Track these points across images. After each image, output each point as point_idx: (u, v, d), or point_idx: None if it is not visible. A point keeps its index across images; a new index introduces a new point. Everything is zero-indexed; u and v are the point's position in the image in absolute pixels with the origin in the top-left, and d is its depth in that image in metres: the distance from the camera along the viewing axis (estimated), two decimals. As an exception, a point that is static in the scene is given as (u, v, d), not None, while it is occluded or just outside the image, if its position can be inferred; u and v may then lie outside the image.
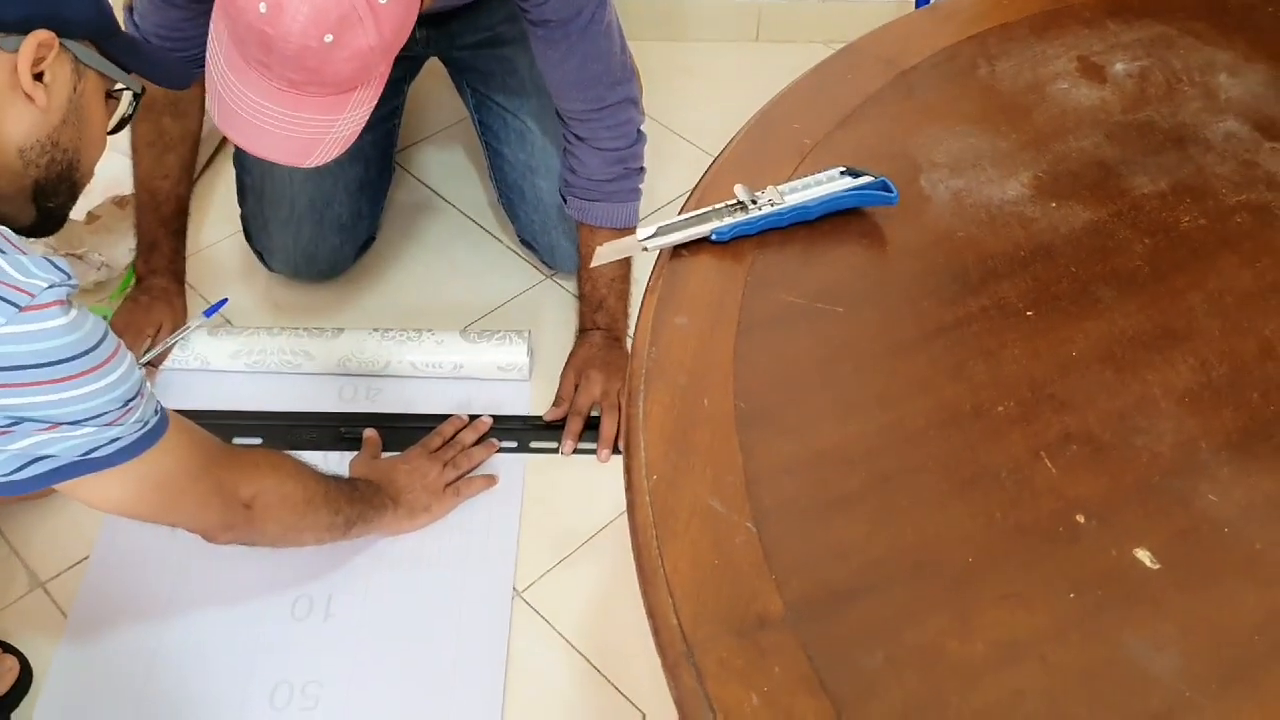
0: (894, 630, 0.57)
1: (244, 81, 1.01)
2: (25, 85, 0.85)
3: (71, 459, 0.83)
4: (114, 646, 1.24)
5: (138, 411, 0.86)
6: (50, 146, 0.90)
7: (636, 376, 0.69)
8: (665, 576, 0.59)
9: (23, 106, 0.86)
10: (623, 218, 1.41)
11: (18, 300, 0.74)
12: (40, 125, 0.88)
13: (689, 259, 0.76)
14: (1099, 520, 0.62)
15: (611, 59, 1.29)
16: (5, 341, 0.74)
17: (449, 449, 1.38)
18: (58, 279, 0.77)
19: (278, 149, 1.04)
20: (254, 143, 1.04)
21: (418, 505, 1.31)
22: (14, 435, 0.79)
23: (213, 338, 1.50)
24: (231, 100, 1.02)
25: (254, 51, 0.98)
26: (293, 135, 1.03)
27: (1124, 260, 0.76)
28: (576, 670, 1.23)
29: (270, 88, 1.00)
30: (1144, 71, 0.90)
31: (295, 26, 0.93)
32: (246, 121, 1.03)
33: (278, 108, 1.01)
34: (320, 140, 1.04)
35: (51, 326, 0.76)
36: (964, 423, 0.66)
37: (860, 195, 0.76)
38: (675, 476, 0.64)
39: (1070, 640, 0.57)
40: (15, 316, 0.74)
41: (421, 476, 1.34)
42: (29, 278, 0.75)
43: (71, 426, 0.81)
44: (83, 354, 0.78)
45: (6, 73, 0.85)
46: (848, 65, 0.91)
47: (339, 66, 0.98)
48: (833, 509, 0.62)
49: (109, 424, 0.83)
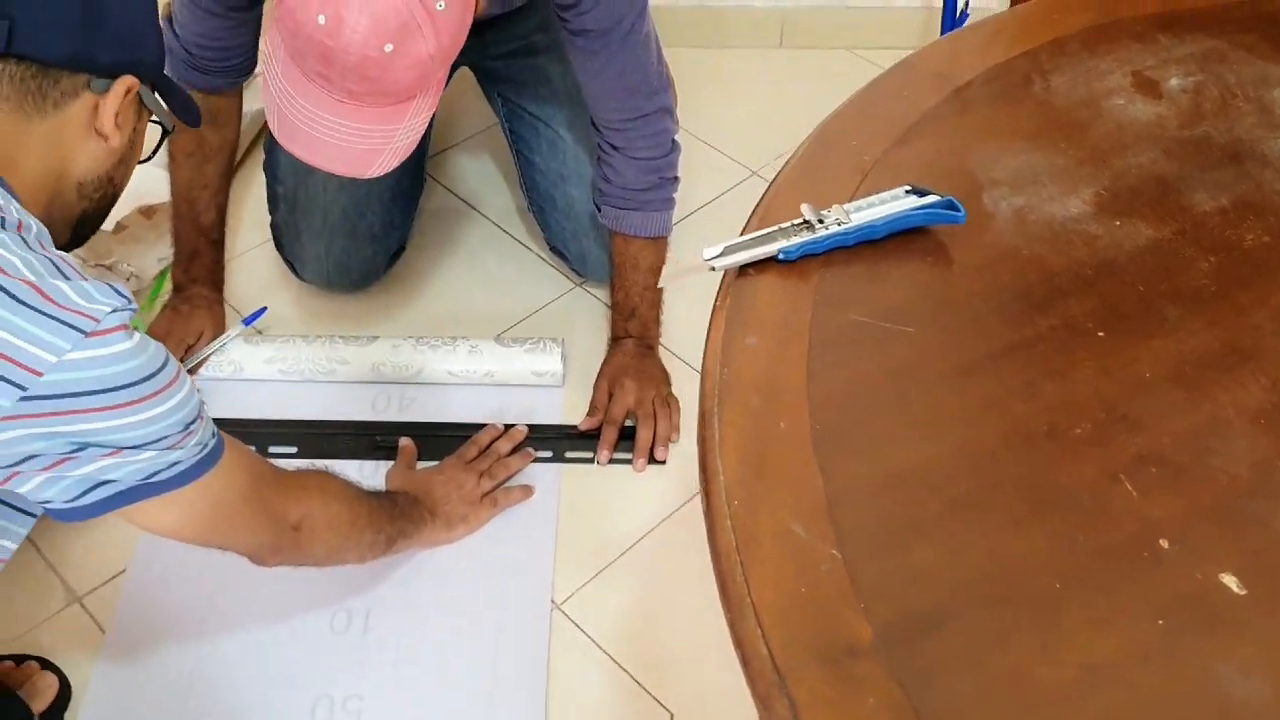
0: (982, 656, 0.57)
1: (303, 94, 1.01)
2: (105, 127, 0.86)
3: (133, 483, 0.83)
4: (153, 661, 1.24)
5: (197, 434, 0.86)
6: (106, 182, 0.92)
7: (709, 398, 0.69)
8: (752, 604, 0.59)
9: (94, 145, 0.88)
10: (657, 227, 1.41)
11: (83, 326, 0.74)
12: (104, 162, 0.90)
13: (755, 278, 0.76)
14: (1180, 543, 0.62)
15: (649, 69, 1.29)
16: (72, 368, 0.74)
17: (484, 459, 1.38)
18: (119, 303, 0.77)
19: (339, 160, 1.04)
20: (315, 155, 1.04)
21: (455, 517, 1.32)
22: (78, 461, 0.79)
23: (248, 345, 1.50)
24: (291, 114, 1.02)
25: (314, 64, 0.98)
26: (353, 146, 1.03)
27: (1189, 278, 0.76)
28: (618, 684, 1.23)
29: (330, 100, 1.00)
30: (1198, 86, 0.90)
31: (356, 37, 0.93)
32: (307, 134, 1.03)
33: (338, 119, 1.01)
34: (381, 150, 1.04)
35: (117, 351, 0.76)
36: (1038, 444, 0.66)
37: (928, 214, 0.77)
38: (755, 500, 0.64)
39: (1157, 665, 0.57)
40: (81, 342, 0.73)
41: (458, 487, 1.34)
42: (92, 303, 0.75)
43: (134, 451, 0.81)
44: (147, 378, 0.78)
45: (88, 112, 0.86)
46: (902, 82, 0.91)
47: (399, 75, 0.98)
48: (913, 533, 0.62)
49: (170, 447, 0.83)
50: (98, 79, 0.85)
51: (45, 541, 1.33)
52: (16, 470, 0.78)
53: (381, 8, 0.94)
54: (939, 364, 0.70)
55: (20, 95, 0.82)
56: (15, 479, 0.79)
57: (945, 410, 0.68)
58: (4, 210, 0.77)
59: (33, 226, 0.80)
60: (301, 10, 0.95)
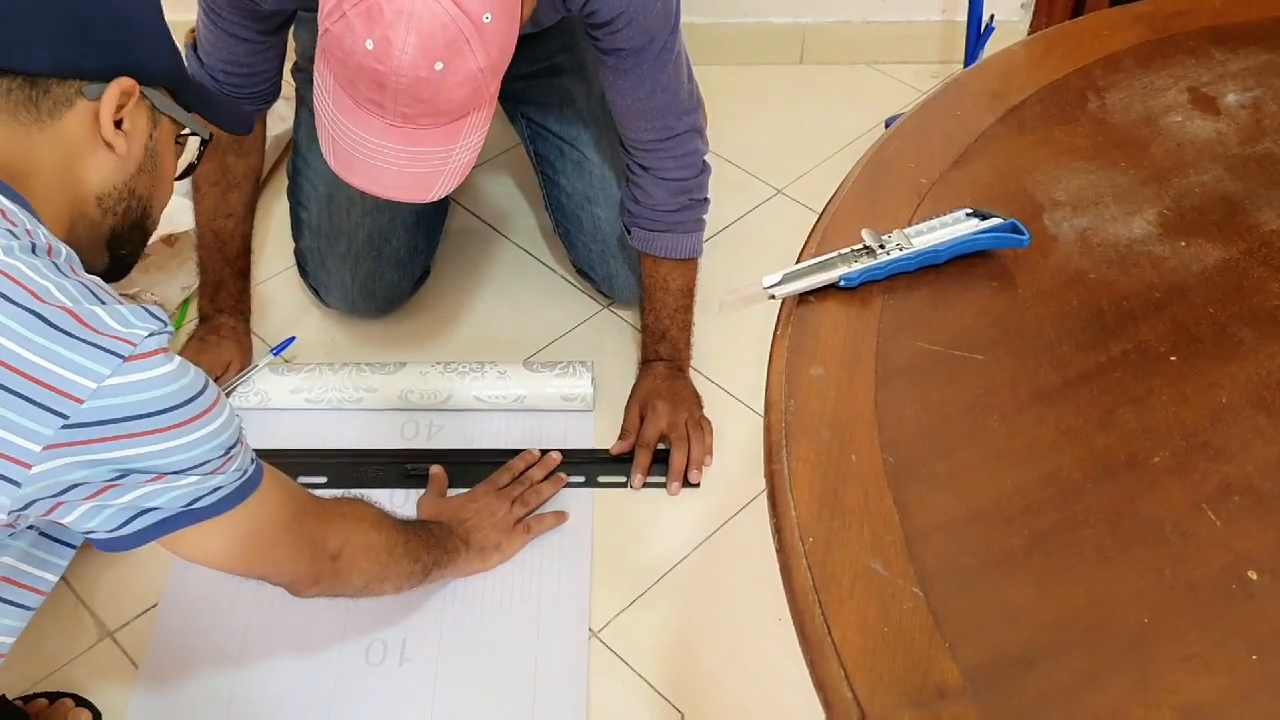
0: (1075, 697, 0.56)
1: (356, 123, 1.00)
2: (107, 134, 0.85)
3: (176, 510, 0.81)
4: (187, 696, 1.22)
5: (238, 459, 0.84)
6: (127, 194, 0.90)
7: (776, 430, 0.67)
8: (834, 646, 0.57)
9: (103, 155, 0.86)
10: (687, 248, 1.40)
11: (121, 351, 0.72)
12: (118, 173, 0.88)
13: (816, 305, 0.74)
14: (1271, 575, 0.60)
15: (680, 88, 1.27)
16: (113, 393, 0.72)
17: (517, 485, 1.36)
18: (156, 327, 0.75)
19: (399, 187, 1.03)
20: (373, 183, 1.03)
21: (488, 544, 1.30)
22: (121, 489, 0.77)
23: (274, 374, 1.48)
24: (346, 144, 1.01)
25: (366, 90, 0.96)
26: (411, 170, 1.02)
27: (1261, 300, 0.74)
28: (660, 713, 1.21)
29: (384, 125, 0.99)
30: (1257, 102, 0.89)
31: (405, 59, 0.92)
32: (364, 163, 1.01)
33: (394, 145, 1.00)
34: (440, 172, 1.03)
35: (157, 375, 0.74)
36: (1120, 474, 0.65)
37: (992, 238, 0.75)
38: (831, 537, 0.62)
39: (1259, 704, 0.56)
40: (120, 368, 0.72)
41: (490, 515, 1.32)
42: (130, 328, 0.74)
43: (176, 476, 0.79)
44: (188, 401, 0.77)
45: (88, 121, 0.84)
46: (954, 102, 0.89)
47: (451, 93, 0.96)
48: (997, 569, 0.61)
49: (212, 472, 0.81)
50: (90, 85, 0.83)
51: (75, 577, 1.31)
52: (61, 500, 0.76)
53: (428, 25, 0.92)
54: (1013, 393, 0.69)
55: (13, 107, 0.81)
56: (59, 509, 0.77)
57: (1022, 441, 0.66)
58: (33, 235, 0.76)
59: (62, 251, 0.78)
60: (349, 38, 0.93)
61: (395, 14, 0.92)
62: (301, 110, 1.55)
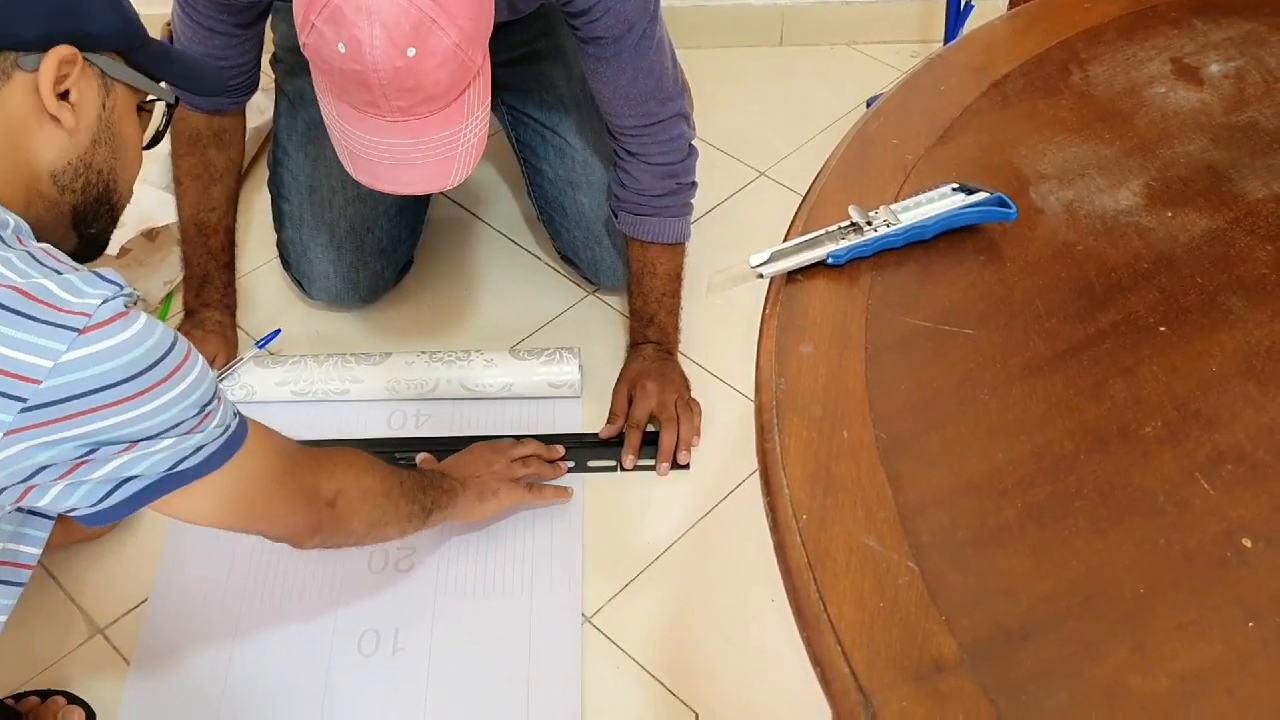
0: (1074, 668, 0.56)
1: (362, 128, 0.99)
2: (50, 106, 0.80)
3: (158, 475, 0.80)
4: (179, 690, 1.21)
5: (216, 416, 0.82)
6: (84, 169, 0.85)
7: (767, 410, 0.67)
8: (830, 623, 0.57)
9: (50, 129, 0.82)
10: (675, 233, 1.40)
11: (75, 324, 0.70)
12: (71, 147, 0.84)
13: (805, 284, 0.74)
14: (1266, 542, 0.60)
15: (664, 74, 1.27)
16: (70, 369, 0.70)
17: (518, 447, 1.35)
18: (110, 291, 0.73)
19: (418, 180, 1.03)
20: (395, 182, 1.03)
21: (486, 490, 1.27)
22: (94, 464, 0.76)
23: (259, 367, 1.47)
24: (359, 150, 1.01)
25: (357, 94, 0.96)
26: (426, 161, 1.01)
27: (1249, 268, 0.74)
28: (654, 697, 1.21)
29: (385, 124, 0.99)
30: (1240, 71, 0.89)
31: (378, 53, 0.91)
32: (379, 165, 1.01)
33: (402, 140, 0.99)
34: (454, 156, 1.02)
35: (117, 343, 0.72)
36: (1112, 445, 0.65)
37: (979, 212, 0.75)
38: (824, 514, 0.62)
39: (1256, 670, 0.56)
40: (76, 341, 0.70)
41: (488, 465, 1.30)
42: (82, 298, 0.71)
43: (150, 442, 0.77)
44: (153, 365, 0.74)
45: (29, 94, 0.80)
46: (938, 77, 0.89)
47: (435, 75, 0.96)
48: (992, 542, 0.60)
49: (188, 432, 0.79)
50: (26, 55, 0.79)
51: (64, 574, 1.30)
52: (31, 484, 0.75)
53: (389, 15, 0.91)
54: (1003, 366, 0.69)
55: None
56: (32, 493, 0.76)
57: (1013, 414, 0.66)
58: None
59: (10, 222, 0.76)
60: (324, 47, 0.93)
61: (355, 11, 0.91)
62: (281, 101, 1.54)
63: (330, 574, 1.31)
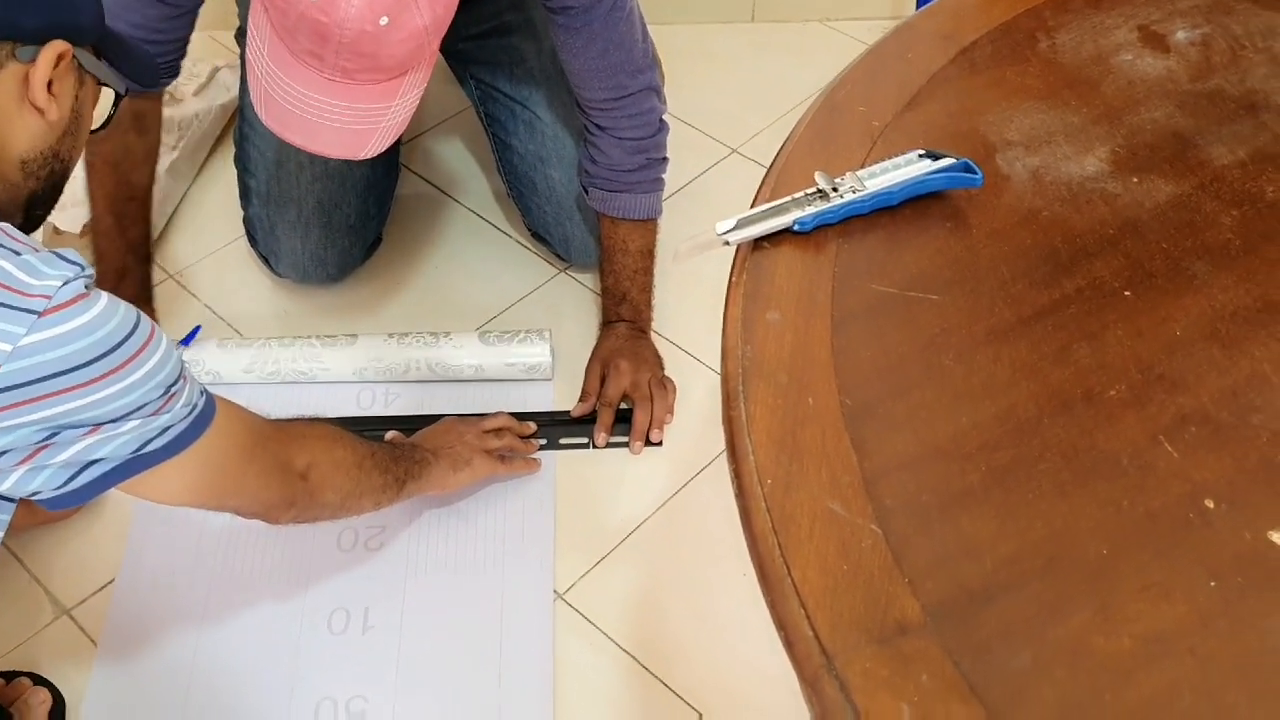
0: (1037, 629, 0.56)
1: (292, 76, 0.97)
2: (39, 99, 0.81)
3: (124, 458, 0.79)
4: (148, 671, 1.20)
5: (183, 396, 0.81)
6: (51, 158, 0.85)
7: (733, 378, 0.67)
8: (794, 586, 0.57)
9: (30, 118, 0.82)
10: (646, 208, 1.39)
11: (34, 306, 0.69)
12: (45, 137, 0.84)
13: (771, 251, 0.74)
14: (1228, 503, 0.60)
15: (634, 47, 1.26)
16: (30, 353, 0.69)
17: (489, 420, 1.35)
18: (71, 272, 0.72)
19: (333, 143, 1.01)
20: (308, 139, 1.01)
21: (459, 460, 1.26)
22: (55, 448, 0.75)
23: (223, 351, 1.45)
24: (281, 97, 0.99)
25: (305, 43, 0.94)
26: (347, 127, 1.00)
27: (1214, 234, 0.74)
28: (626, 672, 1.21)
29: (321, 80, 0.97)
30: (1206, 39, 0.89)
31: (352, 12, 0.90)
32: (298, 118, 0.99)
33: (330, 100, 0.98)
34: (374, 130, 1.01)
35: (78, 325, 0.71)
36: (1076, 409, 0.65)
37: (945, 178, 0.75)
38: (789, 480, 0.61)
39: (1218, 630, 0.56)
40: (36, 324, 0.69)
41: (459, 436, 1.29)
42: (41, 280, 0.70)
43: (114, 425, 0.76)
44: (116, 346, 0.74)
45: (17, 83, 0.80)
46: (905, 44, 0.89)
47: (394, 49, 0.95)
48: (956, 506, 0.60)
49: (154, 414, 0.78)
50: (23, 46, 0.79)
51: (28, 555, 1.29)
52: None
53: None
54: (968, 332, 0.68)
55: None
56: None
57: (978, 379, 0.66)
58: None
59: None
60: None
61: None
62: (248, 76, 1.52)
63: (299, 553, 1.30)
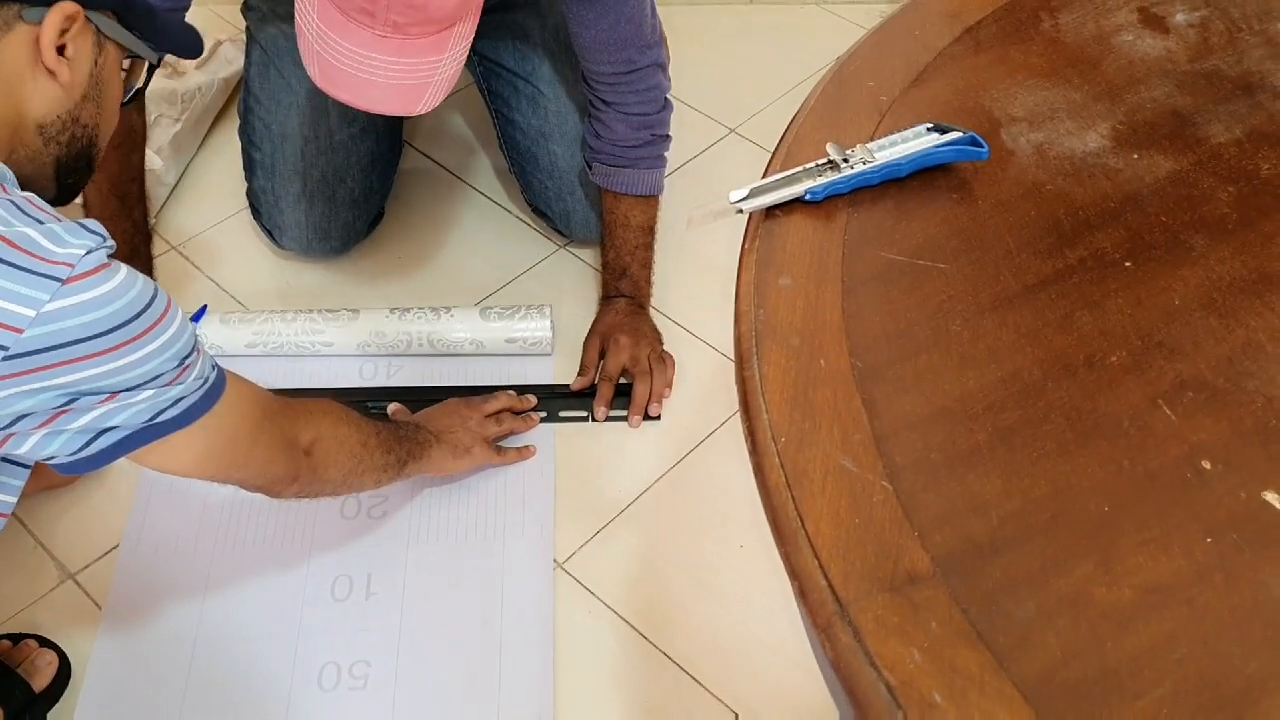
0: (1041, 580, 0.58)
1: (343, 35, 0.98)
2: (48, 60, 0.81)
3: (137, 426, 0.80)
4: (153, 636, 1.22)
5: (196, 368, 0.83)
6: (71, 123, 0.86)
7: (746, 340, 0.69)
8: (808, 538, 0.59)
9: (44, 82, 0.82)
10: (649, 184, 1.40)
11: (58, 274, 0.70)
12: (61, 102, 0.84)
13: (783, 219, 0.75)
14: (1224, 464, 0.63)
15: (644, 22, 1.27)
16: (53, 319, 0.70)
17: (491, 402, 1.36)
18: (94, 242, 0.73)
19: (387, 99, 1.02)
20: (361, 96, 1.02)
21: (460, 446, 1.29)
22: (74, 413, 0.76)
23: (225, 325, 1.46)
24: (332, 57, 1.00)
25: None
26: (400, 82, 1.01)
27: (1211, 208, 0.76)
28: (626, 640, 1.23)
29: (372, 37, 0.98)
30: (1204, 21, 0.91)
31: None
32: (351, 76, 1.00)
33: (382, 56, 0.99)
34: (427, 84, 1.02)
35: (99, 294, 0.72)
36: (1079, 373, 0.67)
37: (952, 151, 0.76)
38: (802, 437, 0.63)
39: (1214, 583, 0.58)
40: (60, 291, 0.70)
41: (462, 421, 1.31)
42: (65, 247, 0.71)
43: (130, 393, 0.78)
44: (135, 316, 0.75)
45: (28, 46, 0.80)
46: (912, 22, 0.90)
47: (445, 1, 0.96)
48: (963, 463, 0.62)
49: (168, 384, 0.80)
50: (30, 8, 0.80)
51: (33, 519, 1.30)
52: (11, 432, 0.75)
53: None
54: (975, 299, 0.70)
55: None
56: (11, 441, 0.76)
57: (985, 344, 0.68)
58: None
59: None
60: None
61: None
62: (254, 49, 1.53)
63: (303, 520, 1.32)
